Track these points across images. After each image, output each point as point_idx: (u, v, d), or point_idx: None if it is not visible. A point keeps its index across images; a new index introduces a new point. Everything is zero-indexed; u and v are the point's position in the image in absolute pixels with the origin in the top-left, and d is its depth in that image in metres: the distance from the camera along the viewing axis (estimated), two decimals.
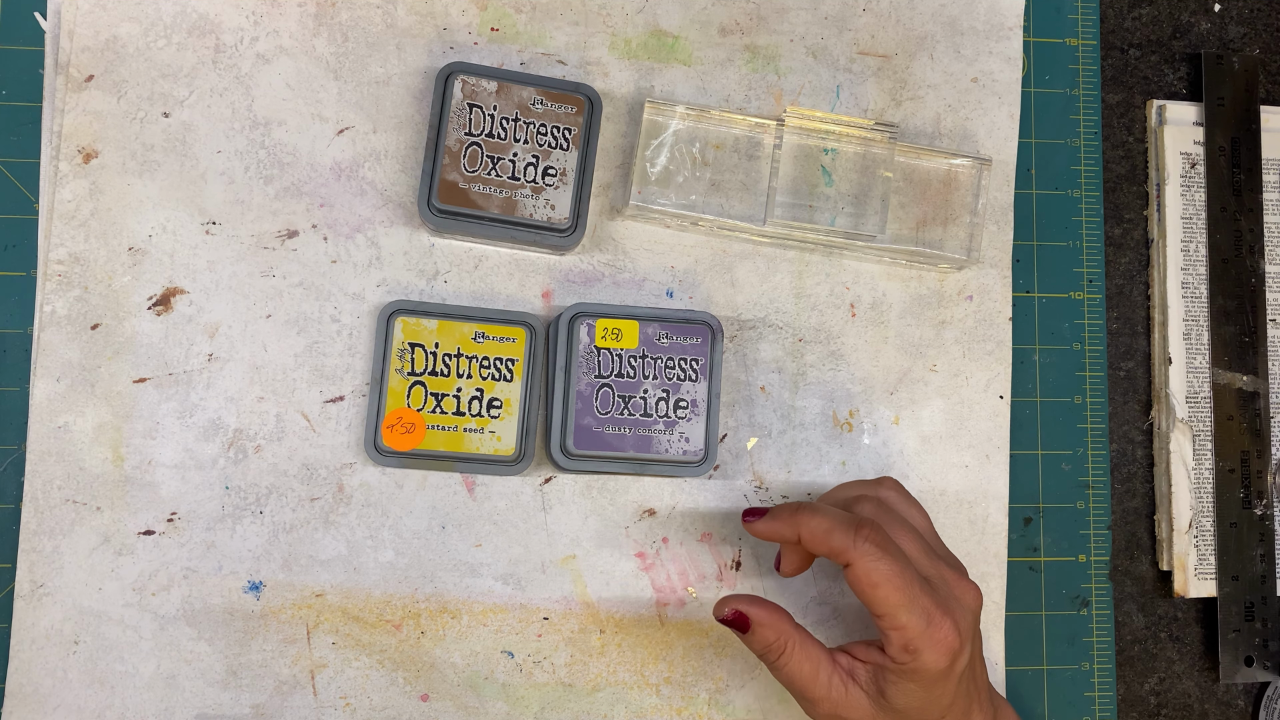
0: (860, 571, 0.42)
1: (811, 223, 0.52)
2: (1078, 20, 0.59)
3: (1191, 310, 0.58)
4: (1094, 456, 0.57)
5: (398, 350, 0.50)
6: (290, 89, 0.52)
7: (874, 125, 0.52)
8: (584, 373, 0.51)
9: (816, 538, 0.44)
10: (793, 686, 0.45)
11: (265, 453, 0.51)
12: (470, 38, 0.53)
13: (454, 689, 0.51)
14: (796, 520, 0.45)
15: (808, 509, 0.45)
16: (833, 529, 0.43)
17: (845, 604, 0.53)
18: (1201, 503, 0.56)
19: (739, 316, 0.54)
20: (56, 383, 0.50)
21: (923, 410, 0.55)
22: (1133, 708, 0.56)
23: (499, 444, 0.50)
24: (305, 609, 0.50)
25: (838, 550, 0.43)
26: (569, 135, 0.51)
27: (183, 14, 0.52)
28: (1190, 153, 0.58)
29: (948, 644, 0.42)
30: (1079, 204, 0.58)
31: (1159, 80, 0.60)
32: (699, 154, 0.53)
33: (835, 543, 0.43)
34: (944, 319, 0.55)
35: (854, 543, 0.43)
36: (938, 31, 0.56)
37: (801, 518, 0.45)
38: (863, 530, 0.43)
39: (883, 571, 0.42)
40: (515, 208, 0.50)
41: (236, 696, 0.50)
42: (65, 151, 0.51)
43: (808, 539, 0.44)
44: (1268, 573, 0.56)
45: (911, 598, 0.42)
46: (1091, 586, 0.56)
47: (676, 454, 0.51)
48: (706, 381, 0.51)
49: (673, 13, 0.55)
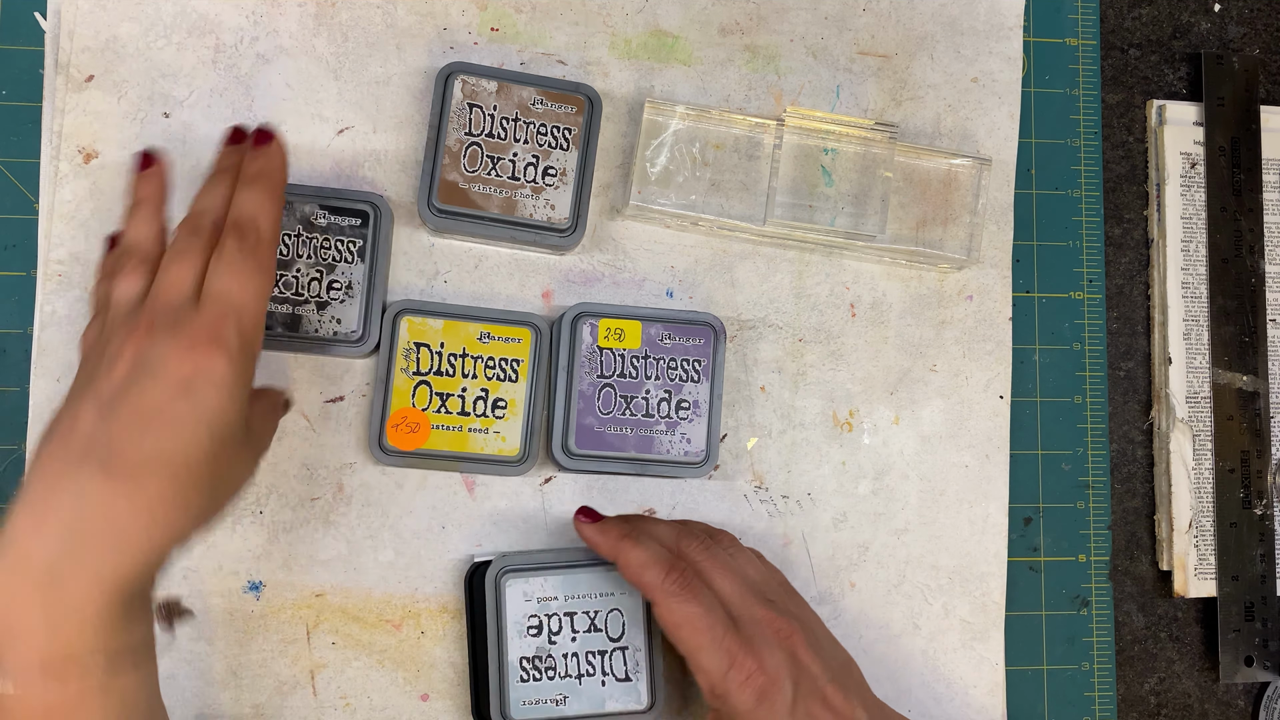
0: (664, 611, 0.43)
1: (811, 223, 0.52)
2: (1078, 20, 0.59)
3: (1191, 310, 0.58)
4: (1094, 456, 0.57)
5: (403, 349, 0.50)
6: (290, 89, 0.52)
7: (874, 125, 0.52)
8: (586, 372, 0.51)
9: (630, 569, 0.45)
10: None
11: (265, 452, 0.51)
12: (470, 38, 0.53)
13: (454, 689, 0.51)
14: (618, 546, 0.45)
15: (630, 540, 0.45)
16: (646, 565, 0.44)
17: (846, 604, 0.53)
18: (1201, 503, 0.56)
19: (739, 316, 0.54)
20: (56, 383, 0.50)
21: (923, 410, 0.55)
22: (1133, 708, 0.56)
23: (503, 444, 0.50)
24: (305, 609, 0.50)
25: (646, 586, 0.44)
26: (569, 135, 0.51)
27: (183, 14, 0.52)
28: (1190, 153, 0.58)
29: (753, 683, 0.42)
30: (1079, 204, 0.58)
31: (1159, 80, 0.60)
32: (699, 154, 0.53)
33: (646, 578, 0.44)
34: (944, 319, 0.55)
35: (661, 582, 0.43)
36: (938, 31, 0.56)
37: (624, 545, 0.45)
38: (672, 572, 0.44)
39: (685, 613, 0.43)
40: (515, 208, 0.50)
41: (236, 696, 0.50)
42: (65, 151, 0.51)
43: (623, 568, 0.45)
44: (1268, 573, 0.56)
45: (714, 640, 0.42)
46: (1091, 586, 0.56)
47: (678, 455, 0.51)
48: (708, 382, 0.51)
49: (673, 13, 0.55)
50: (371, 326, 0.50)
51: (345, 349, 0.50)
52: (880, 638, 0.53)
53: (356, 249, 0.50)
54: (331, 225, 0.50)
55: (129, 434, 0.37)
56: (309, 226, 0.50)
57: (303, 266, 0.50)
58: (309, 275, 0.50)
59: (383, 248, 0.51)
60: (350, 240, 0.50)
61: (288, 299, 0.49)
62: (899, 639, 0.54)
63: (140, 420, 0.37)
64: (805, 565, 0.53)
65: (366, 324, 0.50)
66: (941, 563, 0.54)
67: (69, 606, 0.35)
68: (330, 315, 0.50)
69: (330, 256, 0.50)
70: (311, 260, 0.50)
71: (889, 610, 0.54)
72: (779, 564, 0.53)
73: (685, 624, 0.43)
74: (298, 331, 0.49)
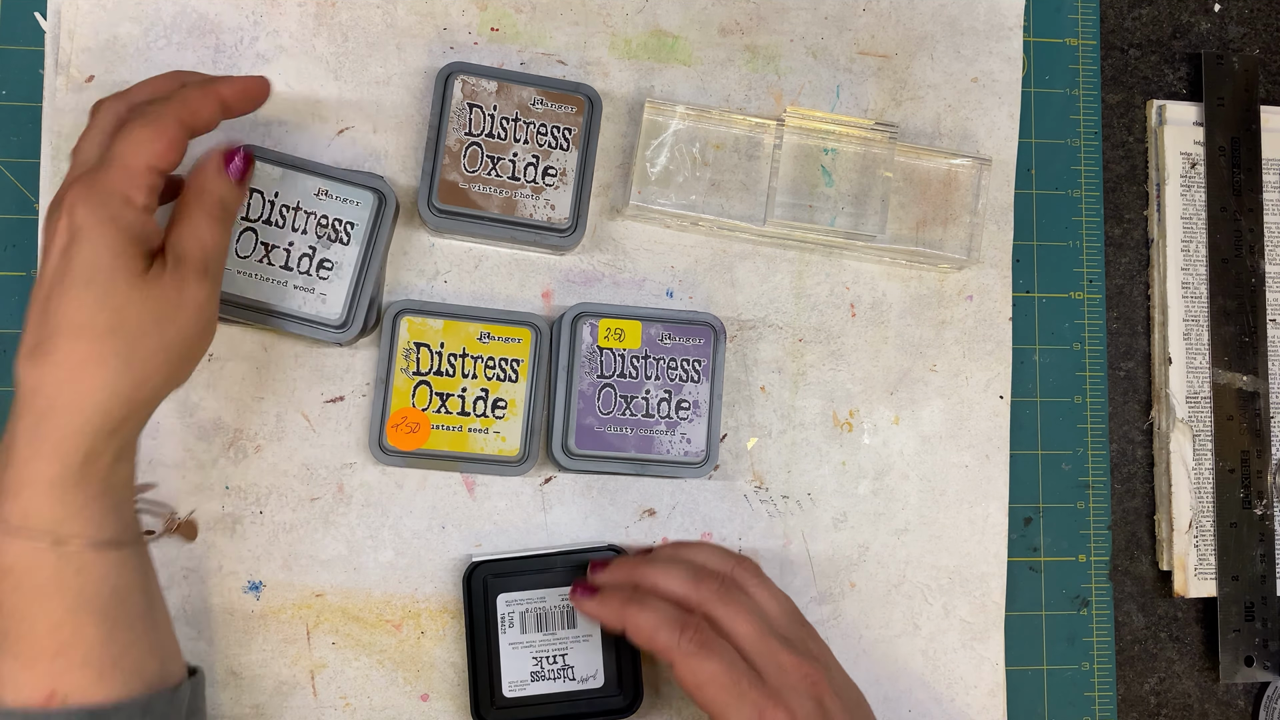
0: (684, 672, 0.42)
1: (811, 223, 0.52)
2: (1078, 20, 0.59)
3: (1191, 310, 0.58)
4: (1094, 456, 0.57)
5: (403, 349, 0.50)
6: (290, 89, 0.52)
7: (874, 125, 0.52)
8: (586, 372, 0.51)
9: (641, 635, 0.44)
10: None
11: (265, 453, 0.51)
12: (470, 38, 0.53)
13: (454, 689, 0.51)
14: (624, 614, 0.44)
15: (635, 606, 0.44)
16: (658, 628, 0.43)
17: (846, 604, 0.53)
18: (1201, 503, 0.56)
19: (739, 316, 0.54)
20: None
21: (923, 410, 0.55)
22: (1133, 708, 0.56)
23: (503, 444, 0.50)
24: (305, 609, 0.50)
25: (661, 650, 0.43)
26: (569, 135, 0.51)
27: (183, 14, 0.52)
28: (1190, 153, 0.58)
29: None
30: (1079, 204, 0.58)
31: (1159, 80, 0.60)
32: (699, 154, 0.53)
33: (659, 642, 0.43)
34: (944, 319, 0.55)
35: (677, 643, 0.42)
36: (938, 31, 0.56)
37: (629, 611, 0.44)
38: (686, 630, 0.43)
39: (707, 672, 0.42)
40: (515, 208, 0.50)
41: (236, 696, 0.50)
42: (65, 151, 0.51)
43: (633, 634, 0.44)
44: (1268, 573, 0.56)
45: (739, 695, 0.42)
46: (1091, 586, 0.56)
47: (678, 455, 0.51)
48: (708, 382, 0.51)
49: (673, 13, 0.55)
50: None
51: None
52: (880, 638, 0.53)
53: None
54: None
55: (42, 314, 0.39)
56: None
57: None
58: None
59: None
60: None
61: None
62: (899, 639, 0.54)
63: (44, 296, 0.39)
64: (805, 565, 0.53)
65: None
66: (941, 563, 0.54)
67: (21, 474, 0.38)
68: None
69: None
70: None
71: (889, 610, 0.54)
72: (779, 564, 0.53)
73: (708, 683, 0.42)
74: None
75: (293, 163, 0.49)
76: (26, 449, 0.38)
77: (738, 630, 0.44)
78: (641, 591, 0.45)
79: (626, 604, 0.44)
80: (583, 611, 0.46)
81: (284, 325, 0.49)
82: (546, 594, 0.50)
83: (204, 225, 0.42)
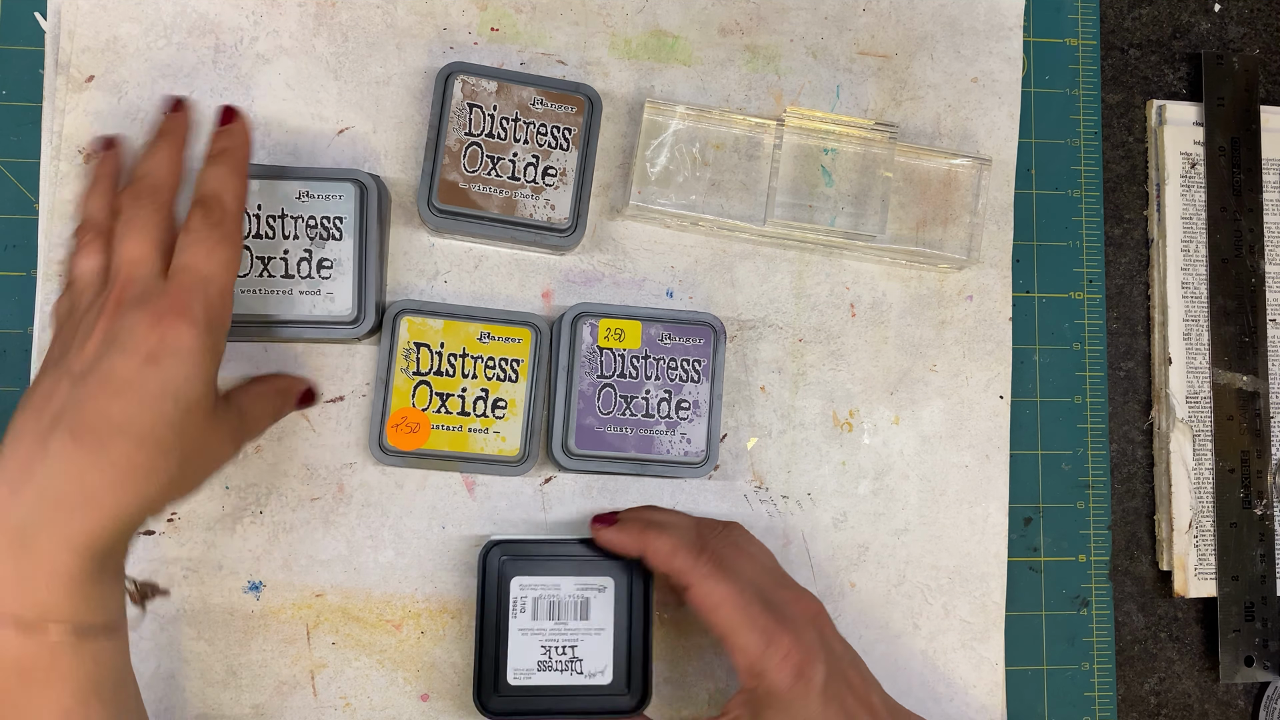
0: (701, 593, 0.44)
1: (811, 223, 0.52)
2: (1078, 20, 0.59)
3: (1191, 310, 0.58)
4: (1094, 456, 0.57)
5: (403, 349, 0.50)
6: (290, 89, 0.52)
7: (874, 125, 0.52)
8: (586, 372, 0.51)
9: (660, 556, 0.45)
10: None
11: (265, 453, 0.51)
12: (470, 38, 0.53)
13: (454, 689, 0.51)
14: (644, 538, 0.46)
15: (655, 527, 0.46)
16: (676, 550, 0.45)
17: (846, 604, 0.53)
18: (1201, 503, 0.56)
19: (739, 316, 0.54)
20: None
21: (923, 410, 0.55)
22: (1133, 708, 0.56)
23: (503, 444, 0.50)
24: (305, 609, 0.50)
25: (679, 570, 0.45)
26: (569, 135, 0.51)
27: (183, 14, 0.52)
28: (1190, 153, 0.58)
29: (790, 660, 0.42)
30: (1079, 204, 0.58)
31: (1159, 80, 0.60)
32: (699, 154, 0.53)
33: (678, 563, 0.45)
34: (944, 319, 0.55)
35: (695, 564, 0.44)
36: (938, 31, 0.56)
37: (649, 535, 0.46)
38: (704, 554, 0.45)
39: (721, 593, 0.43)
40: (515, 208, 0.50)
41: (236, 696, 0.50)
42: (65, 151, 0.51)
43: (651, 556, 0.46)
44: (1268, 573, 0.56)
45: (750, 618, 0.43)
46: (1091, 586, 0.56)
47: (678, 455, 0.51)
48: (708, 382, 0.51)
49: (673, 13, 0.55)
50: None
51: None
52: (880, 638, 0.53)
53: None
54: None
55: (97, 403, 0.38)
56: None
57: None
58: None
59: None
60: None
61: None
62: (899, 639, 0.54)
63: (108, 390, 0.38)
64: (805, 565, 0.53)
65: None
66: (941, 563, 0.54)
67: (40, 566, 0.37)
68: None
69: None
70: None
71: (889, 610, 0.54)
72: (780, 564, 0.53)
73: (723, 603, 0.43)
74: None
75: (266, 172, 0.49)
76: (51, 541, 0.37)
77: (743, 566, 0.45)
78: (659, 521, 0.47)
79: (645, 529, 0.46)
80: (602, 541, 0.48)
81: (299, 334, 0.49)
82: (562, 581, 0.49)
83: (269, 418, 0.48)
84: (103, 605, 0.39)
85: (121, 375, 0.38)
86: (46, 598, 0.37)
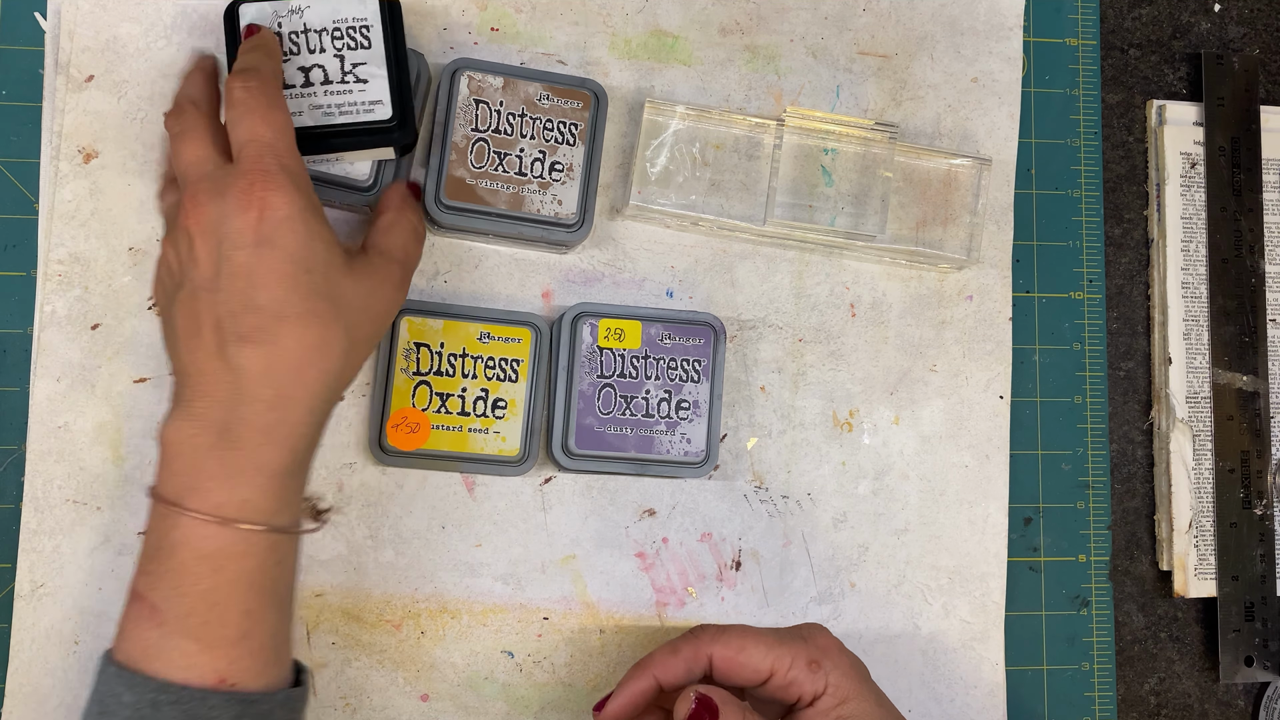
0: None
1: (811, 223, 0.52)
2: (1078, 20, 0.59)
3: (1191, 310, 0.58)
4: (1094, 456, 0.57)
5: (403, 350, 0.50)
6: None
7: (874, 125, 0.52)
8: (586, 372, 0.51)
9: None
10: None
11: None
12: (470, 37, 0.53)
13: (454, 689, 0.51)
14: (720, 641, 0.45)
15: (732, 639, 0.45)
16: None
17: (846, 604, 0.53)
18: (1201, 503, 0.56)
19: (739, 316, 0.54)
20: (56, 383, 0.50)
21: (923, 410, 0.55)
22: (1133, 708, 0.56)
23: (503, 444, 0.50)
24: (305, 609, 0.50)
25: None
26: (575, 130, 0.51)
27: (183, 14, 0.52)
28: (1190, 153, 0.58)
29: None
30: (1079, 204, 0.58)
31: (1159, 80, 0.60)
32: (699, 154, 0.53)
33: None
34: (944, 319, 0.55)
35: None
36: (938, 31, 0.56)
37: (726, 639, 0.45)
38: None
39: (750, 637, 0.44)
40: (523, 203, 0.50)
41: None
42: (65, 151, 0.51)
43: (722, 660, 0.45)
44: (1268, 573, 0.56)
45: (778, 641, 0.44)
46: (1091, 586, 0.56)
47: (678, 455, 0.51)
48: (708, 382, 0.51)
49: (673, 13, 0.55)
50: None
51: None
52: (880, 638, 0.53)
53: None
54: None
55: (245, 300, 0.39)
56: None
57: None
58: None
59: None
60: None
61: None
62: (899, 639, 0.54)
63: (246, 285, 0.39)
64: (805, 565, 0.53)
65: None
66: (941, 563, 0.54)
67: (247, 463, 0.38)
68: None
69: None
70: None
71: (889, 610, 0.54)
72: (779, 564, 0.53)
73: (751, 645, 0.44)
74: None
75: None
76: (257, 437, 0.38)
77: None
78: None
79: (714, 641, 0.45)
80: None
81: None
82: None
83: (409, 239, 0.46)
84: (292, 508, 0.40)
85: (247, 266, 0.39)
86: (249, 495, 0.38)
